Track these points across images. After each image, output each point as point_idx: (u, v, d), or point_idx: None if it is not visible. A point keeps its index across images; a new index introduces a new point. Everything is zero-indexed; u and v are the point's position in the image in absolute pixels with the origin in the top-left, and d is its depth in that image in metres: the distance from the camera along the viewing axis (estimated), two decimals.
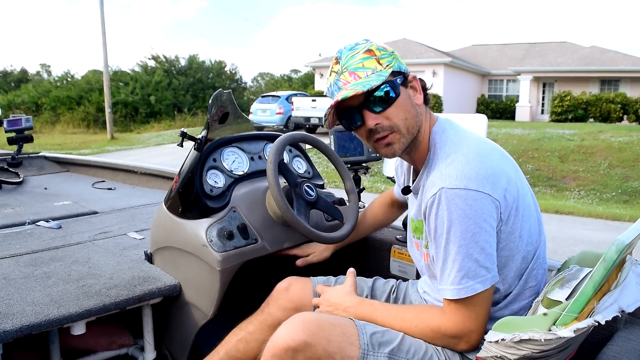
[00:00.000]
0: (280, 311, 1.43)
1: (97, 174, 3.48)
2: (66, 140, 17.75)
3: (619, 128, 14.50)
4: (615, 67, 20.00)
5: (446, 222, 1.05)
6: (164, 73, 27.57)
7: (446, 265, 1.07)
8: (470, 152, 1.09)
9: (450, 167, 1.07)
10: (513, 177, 1.11)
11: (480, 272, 1.05)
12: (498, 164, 1.10)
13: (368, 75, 1.10)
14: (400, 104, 1.12)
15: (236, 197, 1.61)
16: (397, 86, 1.12)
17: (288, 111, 16.50)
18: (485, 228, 1.04)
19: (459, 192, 1.03)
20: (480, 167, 1.06)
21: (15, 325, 1.26)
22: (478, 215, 1.03)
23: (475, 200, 1.03)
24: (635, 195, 9.10)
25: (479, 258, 1.05)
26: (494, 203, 1.05)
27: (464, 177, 1.04)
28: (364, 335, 1.13)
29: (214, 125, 1.60)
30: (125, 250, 1.86)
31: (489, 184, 1.05)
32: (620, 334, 1.26)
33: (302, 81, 36.26)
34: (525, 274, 1.17)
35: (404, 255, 1.82)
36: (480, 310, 1.08)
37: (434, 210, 1.07)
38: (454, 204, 1.03)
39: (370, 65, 1.11)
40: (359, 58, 1.11)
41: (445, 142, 1.14)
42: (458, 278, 1.05)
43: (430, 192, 1.08)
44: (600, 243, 5.62)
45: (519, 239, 1.12)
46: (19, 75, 35.96)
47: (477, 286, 1.05)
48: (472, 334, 1.09)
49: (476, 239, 1.04)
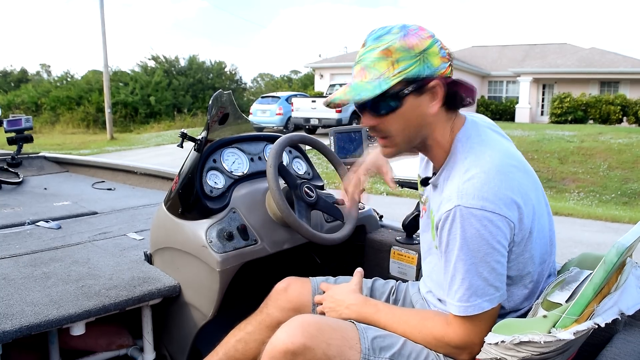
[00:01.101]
0: (278, 311, 1.43)
1: (97, 174, 3.48)
2: (66, 140, 17.74)
3: (618, 130, 14.51)
4: (615, 68, 20.01)
5: (459, 240, 1.03)
6: (163, 73, 27.56)
7: (454, 281, 1.06)
8: (492, 168, 1.05)
9: (468, 183, 1.03)
10: (532, 197, 1.08)
11: (488, 290, 1.04)
12: (519, 184, 1.06)
13: (372, 80, 1.06)
14: (400, 114, 1.08)
15: (236, 198, 1.61)
16: (399, 97, 1.07)
17: (288, 112, 16.50)
18: (498, 249, 1.03)
19: (475, 212, 1.01)
20: (500, 187, 1.02)
21: (15, 326, 1.25)
22: (492, 236, 1.01)
23: (490, 222, 1.01)
24: (634, 197, 9.10)
25: (489, 277, 1.04)
26: (509, 225, 1.03)
27: (482, 197, 1.01)
28: (365, 339, 1.13)
29: (214, 126, 1.60)
30: (124, 250, 1.86)
31: (505, 206, 1.02)
32: (619, 336, 1.26)
33: (302, 82, 36.25)
34: (535, 297, 1.16)
35: (403, 257, 1.82)
36: (485, 326, 1.07)
37: (447, 226, 1.05)
38: (469, 223, 1.01)
39: (381, 68, 1.06)
40: (373, 57, 1.06)
41: (468, 151, 1.10)
42: (466, 296, 1.04)
43: (445, 207, 1.06)
44: (599, 245, 5.62)
45: (529, 260, 1.10)
46: (18, 75, 35.94)
47: (484, 304, 1.04)
48: (476, 347, 1.08)
49: (487, 259, 1.03)
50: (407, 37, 1.05)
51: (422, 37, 1.06)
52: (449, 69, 1.09)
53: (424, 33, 1.07)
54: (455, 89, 1.11)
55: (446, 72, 1.08)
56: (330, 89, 18.45)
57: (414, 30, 1.06)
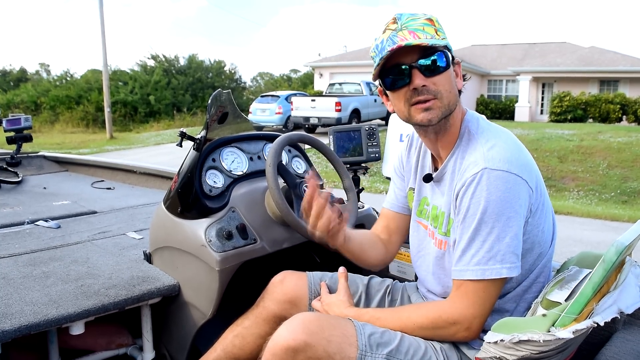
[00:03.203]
0: (274, 304, 1.43)
1: (96, 173, 3.48)
2: (65, 139, 17.73)
3: (618, 128, 14.52)
4: (615, 67, 20.01)
5: (483, 202, 1.05)
6: (163, 72, 27.54)
7: (472, 244, 1.07)
8: (509, 140, 1.13)
9: (493, 150, 1.09)
10: (537, 173, 1.15)
11: (510, 257, 1.06)
12: (529, 158, 1.14)
13: (427, 38, 1.11)
14: (448, 75, 1.14)
15: (235, 197, 1.61)
16: (449, 58, 1.14)
17: (287, 111, 16.48)
18: (520, 213, 1.06)
19: (502, 174, 1.05)
20: (520, 155, 1.10)
21: (14, 325, 1.25)
22: (515, 200, 1.05)
23: (515, 184, 1.05)
24: (634, 196, 9.11)
25: (511, 243, 1.05)
26: (529, 191, 1.07)
27: (507, 161, 1.06)
28: (362, 335, 1.13)
29: (213, 125, 1.60)
30: (124, 250, 1.86)
31: (526, 172, 1.08)
32: (618, 335, 1.26)
33: (302, 81, 36.24)
34: (537, 270, 1.18)
35: (403, 256, 1.82)
36: (489, 297, 1.08)
37: (472, 189, 1.07)
38: (495, 186, 1.05)
39: (430, 32, 1.12)
40: (420, 22, 1.12)
41: (483, 129, 1.17)
42: (486, 259, 1.06)
43: (471, 171, 1.08)
44: (599, 243, 5.62)
45: (541, 233, 1.14)
46: (18, 74, 35.92)
47: (503, 270, 1.05)
48: (475, 320, 1.09)
49: (510, 224, 1.05)
50: None
51: None
52: None
53: None
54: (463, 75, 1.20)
55: None
56: (330, 88, 18.45)
57: None
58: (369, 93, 16.86)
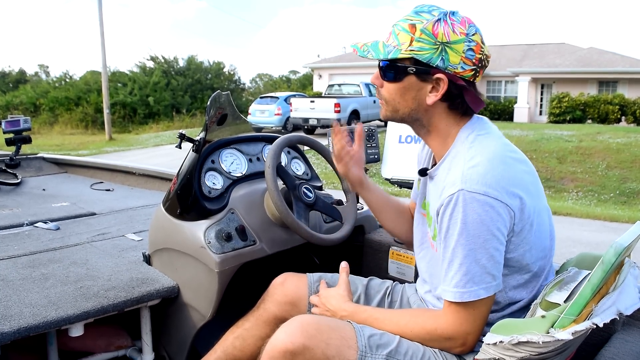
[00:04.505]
0: (275, 306, 1.43)
1: (96, 175, 3.48)
2: (64, 141, 17.72)
3: (617, 129, 14.52)
4: (613, 68, 20.02)
5: (459, 224, 1.04)
6: (162, 74, 27.53)
7: (451, 267, 1.07)
8: (495, 158, 1.07)
9: (472, 169, 1.05)
10: (532, 191, 1.10)
11: (485, 278, 1.05)
12: (521, 176, 1.09)
13: (389, 45, 1.13)
14: (398, 87, 1.15)
15: (234, 198, 1.61)
16: (402, 72, 1.12)
17: (286, 112, 16.48)
18: (497, 236, 1.04)
19: (478, 196, 1.02)
20: (503, 176, 1.05)
21: (13, 327, 1.25)
22: (493, 222, 1.03)
23: (492, 208, 1.02)
24: (633, 197, 9.11)
25: (487, 264, 1.04)
26: (510, 213, 1.04)
27: (485, 183, 1.03)
28: (361, 337, 1.13)
29: (212, 127, 1.60)
30: (123, 251, 1.85)
31: (507, 194, 1.04)
32: (617, 336, 1.26)
33: (301, 82, 36.25)
34: (535, 290, 1.16)
35: (402, 257, 1.82)
36: (479, 314, 1.08)
37: (449, 210, 1.06)
38: (471, 208, 1.03)
39: (401, 39, 1.11)
40: (402, 26, 1.11)
41: (473, 142, 1.12)
42: (463, 282, 1.05)
43: (448, 191, 1.07)
44: (598, 244, 5.62)
45: (528, 252, 1.11)
46: (17, 76, 35.87)
47: (480, 292, 1.05)
48: (469, 336, 1.09)
49: (486, 246, 1.03)
50: (439, 23, 1.08)
51: (454, 30, 1.08)
52: (471, 73, 1.10)
53: (461, 28, 1.08)
54: (461, 94, 1.12)
55: (464, 74, 1.10)
56: (329, 89, 18.45)
57: (453, 21, 1.09)
58: (368, 94, 16.87)
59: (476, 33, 1.09)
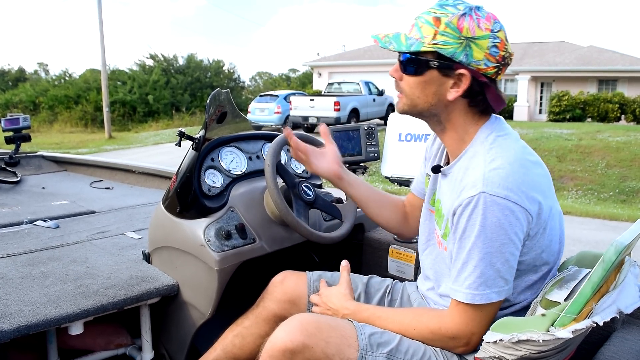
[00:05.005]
0: (274, 304, 1.43)
1: (95, 173, 3.47)
2: (64, 139, 17.71)
3: (616, 128, 14.53)
4: (613, 66, 20.01)
5: (478, 227, 1.03)
6: (162, 72, 27.52)
7: (465, 268, 1.06)
8: (516, 161, 1.06)
9: (494, 172, 1.04)
10: (548, 195, 1.10)
11: (499, 282, 1.05)
12: (539, 180, 1.08)
13: (411, 38, 1.10)
14: (418, 81, 1.12)
15: (234, 196, 1.61)
16: (424, 65, 1.10)
17: (286, 110, 16.46)
18: (514, 241, 1.03)
19: (499, 200, 1.01)
20: (524, 180, 1.04)
21: (13, 325, 1.25)
22: (511, 227, 1.02)
23: (512, 212, 1.01)
24: (632, 195, 9.12)
25: (501, 269, 1.04)
26: (528, 218, 1.04)
27: (507, 187, 1.02)
28: (362, 335, 1.13)
29: (212, 125, 1.60)
30: (123, 250, 1.85)
31: (527, 199, 1.03)
32: (617, 334, 1.26)
33: (301, 80, 36.23)
34: (539, 291, 1.15)
35: (402, 255, 1.82)
36: (486, 316, 1.08)
37: (468, 211, 1.04)
38: (491, 211, 1.02)
39: (425, 33, 1.08)
40: (425, 19, 1.09)
41: (493, 143, 1.10)
42: (476, 284, 1.04)
43: (468, 192, 1.05)
44: (598, 243, 5.63)
45: (539, 255, 1.11)
46: (16, 74, 35.86)
47: (492, 295, 1.05)
48: (473, 337, 1.09)
49: (503, 250, 1.03)
50: (464, 17, 1.06)
51: (479, 26, 1.06)
52: (493, 70, 1.08)
53: (486, 24, 1.07)
54: (483, 91, 1.11)
55: (487, 71, 1.08)
56: (329, 88, 18.44)
57: (478, 16, 1.07)
58: (368, 92, 16.86)
59: (501, 30, 1.08)
